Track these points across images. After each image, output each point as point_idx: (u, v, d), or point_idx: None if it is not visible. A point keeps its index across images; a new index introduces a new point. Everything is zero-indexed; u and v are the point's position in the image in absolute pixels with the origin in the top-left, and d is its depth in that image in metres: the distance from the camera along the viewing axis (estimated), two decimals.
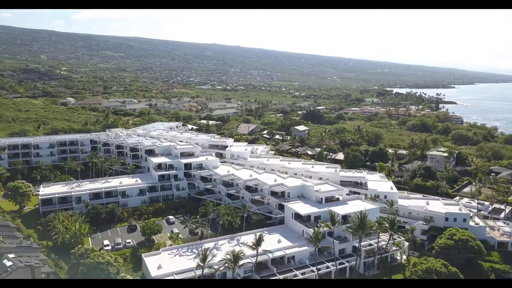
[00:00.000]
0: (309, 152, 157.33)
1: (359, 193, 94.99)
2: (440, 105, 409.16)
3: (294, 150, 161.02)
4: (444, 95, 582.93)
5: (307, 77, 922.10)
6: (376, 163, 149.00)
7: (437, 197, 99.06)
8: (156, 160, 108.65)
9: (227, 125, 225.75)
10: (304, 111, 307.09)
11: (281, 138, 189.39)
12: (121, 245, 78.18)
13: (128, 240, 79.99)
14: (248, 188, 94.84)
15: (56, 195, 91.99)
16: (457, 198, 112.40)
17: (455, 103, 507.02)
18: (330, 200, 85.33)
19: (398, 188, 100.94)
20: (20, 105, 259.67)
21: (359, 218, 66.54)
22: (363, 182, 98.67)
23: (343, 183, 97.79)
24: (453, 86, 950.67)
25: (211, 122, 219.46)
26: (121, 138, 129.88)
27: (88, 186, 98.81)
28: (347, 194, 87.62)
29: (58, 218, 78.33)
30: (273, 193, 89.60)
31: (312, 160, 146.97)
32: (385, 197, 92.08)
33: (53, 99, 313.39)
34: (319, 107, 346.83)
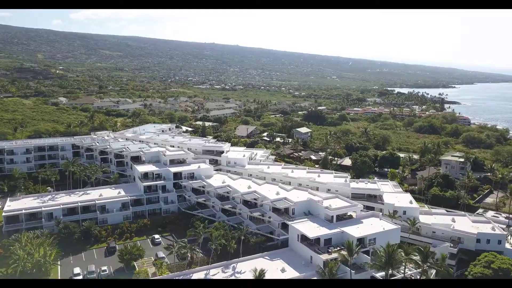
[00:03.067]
0: (313, 157, 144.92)
1: (373, 208, 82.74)
2: (445, 105, 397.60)
3: (296, 154, 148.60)
4: (447, 95, 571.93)
5: (306, 77, 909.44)
6: (386, 169, 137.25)
7: (463, 212, 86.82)
8: (142, 168, 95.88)
9: (224, 127, 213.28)
10: (305, 112, 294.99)
11: (282, 141, 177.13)
12: (95, 274, 65.71)
13: (103, 268, 67.44)
14: (246, 202, 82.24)
15: (24, 211, 79.26)
16: (480, 210, 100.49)
17: (458, 103, 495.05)
18: (342, 218, 72.96)
19: (414, 199, 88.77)
20: (8, 105, 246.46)
21: (385, 251, 54.00)
22: (378, 195, 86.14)
23: (355, 196, 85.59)
24: (453, 85, 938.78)
25: (207, 124, 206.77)
26: (106, 143, 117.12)
27: (63, 199, 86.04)
28: (361, 211, 75.21)
29: (20, 241, 65.85)
30: (275, 209, 77.11)
31: (316, 165, 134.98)
32: (404, 213, 79.95)
33: (44, 98, 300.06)
34: (320, 107, 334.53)
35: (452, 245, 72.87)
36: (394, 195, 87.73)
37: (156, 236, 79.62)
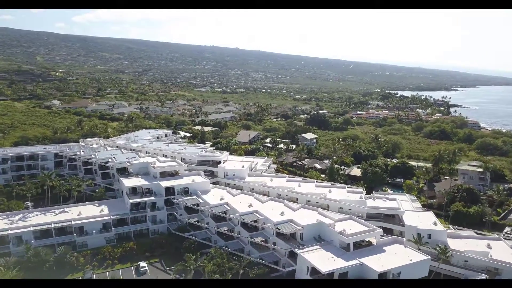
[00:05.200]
0: (318, 166, 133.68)
1: (392, 231, 71.73)
2: (451, 109, 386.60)
3: (300, 163, 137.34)
4: (450, 98, 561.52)
5: (308, 80, 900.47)
6: (398, 179, 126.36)
7: (497, 235, 75.53)
8: (128, 182, 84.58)
9: (224, 132, 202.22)
10: (307, 115, 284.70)
11: (285, 147, 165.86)
12: None
13: None
14: (246, 225, 71.01)
15: None
16: (508, 229, 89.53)
17: (462, 106, 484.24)
18: (360, 245, 61.93)
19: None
20: None
21: None
22: (397, 215, 74.84)
23: (370, 215, 74.46)
24: (455, 88, 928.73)
25: (206, 129, 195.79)
26: (91, 152, 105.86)
27: (36, 219, 74.83)
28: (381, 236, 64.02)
29: None
30: (280, 234, 65.90)
31: (322, 175, 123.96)
32: (429, 236, 68.70)
33: (37, 102, 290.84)
34: (322, 111, 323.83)
35: (488, 277, 61.73)
36: (415, 214, 76.51)
37: (142, 263, 68.37)
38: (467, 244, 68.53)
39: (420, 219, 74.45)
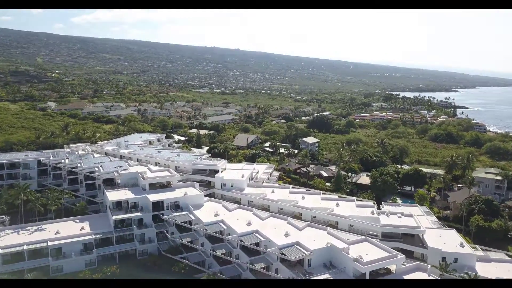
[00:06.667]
0: (324, 173, 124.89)
1: (412, 253, 62.98)
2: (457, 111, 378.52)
3: (304, 170, 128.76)
4: (454, 99, 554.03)
5: (307, 81, 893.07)
6: (408, 187, 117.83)
7: None
8: (113, 195, 75.57)
9: (222, 135, 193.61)
10: (309, 117, 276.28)
11: (286, 152, 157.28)
12: None
13: None
14: (245, 248, 62.05)
15: None
16: None
17: (465, 107, 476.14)
18: (376, 273, 53.25)
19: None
20: None
21: None
22: (417, 234, 65.99)
23: (387, 236, 65.69)
24: (456, 90, 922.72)
25: (203, 132, 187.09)
26: (77, 160, 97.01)
27: (8, 239, 65.89)
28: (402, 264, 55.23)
29: None
30: (285, 259, 57.10)
31: (328, 183, 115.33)
32: (456, 260, 60.02)
33: (32, 103, 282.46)
34: (326, 113, 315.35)
35: None
36: (436, 233, 67.67)
37: None
38: (497, 269, 59.78)
39: (443, 238, 65.65)
